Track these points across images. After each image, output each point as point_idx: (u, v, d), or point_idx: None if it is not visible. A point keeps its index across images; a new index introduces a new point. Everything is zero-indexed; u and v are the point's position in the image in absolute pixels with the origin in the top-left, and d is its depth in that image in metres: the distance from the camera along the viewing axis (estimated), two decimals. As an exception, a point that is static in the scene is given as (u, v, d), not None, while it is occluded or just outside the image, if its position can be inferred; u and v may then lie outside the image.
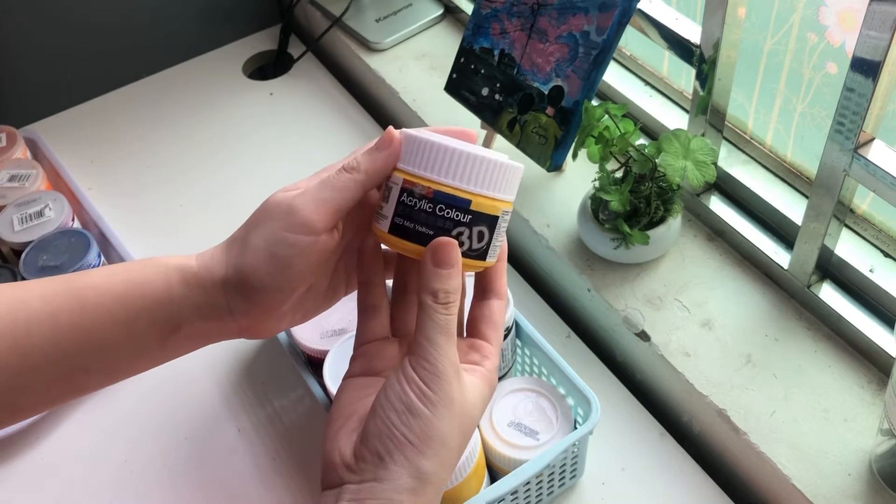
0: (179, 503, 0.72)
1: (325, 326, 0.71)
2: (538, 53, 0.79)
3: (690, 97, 0.79)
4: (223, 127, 1.06)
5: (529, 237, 0.85)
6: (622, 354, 0.79)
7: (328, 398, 0.68)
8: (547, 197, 0.85)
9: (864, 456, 0.64)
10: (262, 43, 1.18)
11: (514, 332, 0.71)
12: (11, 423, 0.46)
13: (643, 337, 0.73)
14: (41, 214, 0.86)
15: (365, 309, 0.48)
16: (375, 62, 1.05)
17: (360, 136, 1.04)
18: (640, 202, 0.73)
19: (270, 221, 0.44)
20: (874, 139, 0.61)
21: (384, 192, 0.45)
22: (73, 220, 0.88)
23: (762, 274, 0.76)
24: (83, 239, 0.83)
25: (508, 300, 0.68)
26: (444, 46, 1.06)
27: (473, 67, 0.85)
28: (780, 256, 0.74)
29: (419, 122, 0.97)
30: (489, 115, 0.84)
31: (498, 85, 0.83)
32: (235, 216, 0.48)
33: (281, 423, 0.77)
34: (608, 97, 0.91)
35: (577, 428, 0.64)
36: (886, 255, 0.71)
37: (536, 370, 0.72)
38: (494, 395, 0.67)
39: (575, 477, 0.69)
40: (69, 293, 0.44)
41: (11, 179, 0.91)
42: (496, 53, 0.83)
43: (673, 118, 0.86)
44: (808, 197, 0.69)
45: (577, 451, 0.65)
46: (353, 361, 0.47)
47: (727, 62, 0.71)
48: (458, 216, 0.43)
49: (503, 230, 0.45)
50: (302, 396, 0.78)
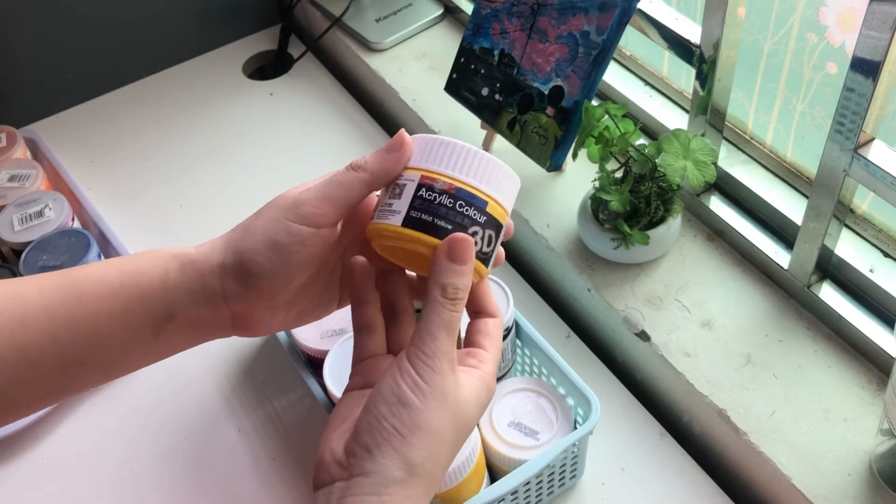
0: (179, 503, 0.72)
1: (325, 326, 0.71)
2: (538, 53, 0.79)
3: (690, 97, 0.79)
4: (223, 127, 1.06)
5: (529, 237, 0.84)
6: (622, 354, 0.79)
7: (328, 398, 0.68)
8: (547, 197, 0.85)
9: (864, 456, 0.64)
10: (261, 43, 1.18)
11: (514, 332, 0.71)
12: (8, 421, 0.46)
13: (643, 337, 0.73)
14: (41, 214, 0.86)
15: (359, 328, 0.48)
16: (375, 62, 1.05)
17: (359, 136, 1.04)
18: (640, 202, 0.73)
19: (274, 212, 0.45)
20: (874, 139, 0.61)
21: (391, 190, 0.45)
22: (73, 220, 0.88)
23: (762, 274, 0.76)
24: (83, 239, 0.83)
25: (508, 300, 0.69)
26: (444, 46, 1.06)
27: (473, 67, 0.85)
28: (780, 256, 0.74)
29: (419, 121, 0.97)
30: (489, 115, 0.84)
31: (498, 85, 0.83)
32: (235, 216, 0.48)
33: (281, 423, 0.77)
34: (608, 97, 0.91)
35: (577, 428, 0.64)
36: (886, 255, 0.71)
37: (536, 370, 0.72)
38: (495, 395, 0.67)
39: (575, 477, 0.69)
40: (66, 286, 0.44)
41: (11, 179, 0.91)
42: (496, 53, 0.83)
43: (673, 118, 0.86)
44: (808, 197, 0.69)
45: (577, 451, 0.65)
46: (351, 378, 0.47)
47: (727, 62, 0.71)
48: (475, 215, 0.43)
49: (499, 243, 0.46)
50: (302, 396, 0.78)
